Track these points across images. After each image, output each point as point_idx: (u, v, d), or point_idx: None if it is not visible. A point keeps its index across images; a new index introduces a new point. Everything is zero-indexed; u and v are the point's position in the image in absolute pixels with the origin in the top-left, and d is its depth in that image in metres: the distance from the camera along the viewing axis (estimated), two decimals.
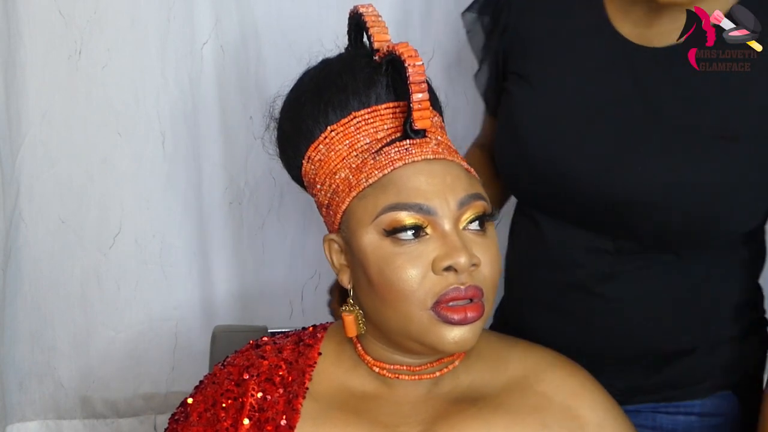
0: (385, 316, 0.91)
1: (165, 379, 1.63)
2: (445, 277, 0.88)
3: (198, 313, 1.62)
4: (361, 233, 0.90)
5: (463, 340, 0.89)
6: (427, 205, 0.89)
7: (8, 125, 1.51)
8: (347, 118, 0.93)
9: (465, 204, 0.90)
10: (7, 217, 1.53)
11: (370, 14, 0.97)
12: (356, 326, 0.95)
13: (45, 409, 1.61)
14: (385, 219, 0.89)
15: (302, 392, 0.97)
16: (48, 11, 1.49)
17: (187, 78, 1.55)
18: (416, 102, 0.89)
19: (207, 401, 0.98)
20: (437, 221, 0.89)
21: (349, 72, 0.95)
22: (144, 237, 1.58)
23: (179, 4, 1.53)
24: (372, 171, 0.91)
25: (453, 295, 0.88)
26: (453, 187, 0.90)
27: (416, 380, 0.96)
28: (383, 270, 0.89)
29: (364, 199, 0.91)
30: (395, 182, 0.90)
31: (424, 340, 0.90)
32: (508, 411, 0.96)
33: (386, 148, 0.92)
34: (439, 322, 0.88)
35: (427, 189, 0.89)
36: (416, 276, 0.88)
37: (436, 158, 0.91)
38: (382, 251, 0.89)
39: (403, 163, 0.90)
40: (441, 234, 0.89)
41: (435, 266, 0.88)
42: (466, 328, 0.88)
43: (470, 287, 0.88)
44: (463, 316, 0.88)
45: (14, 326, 1.57)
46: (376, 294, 0.91)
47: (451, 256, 0.87)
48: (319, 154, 0.95)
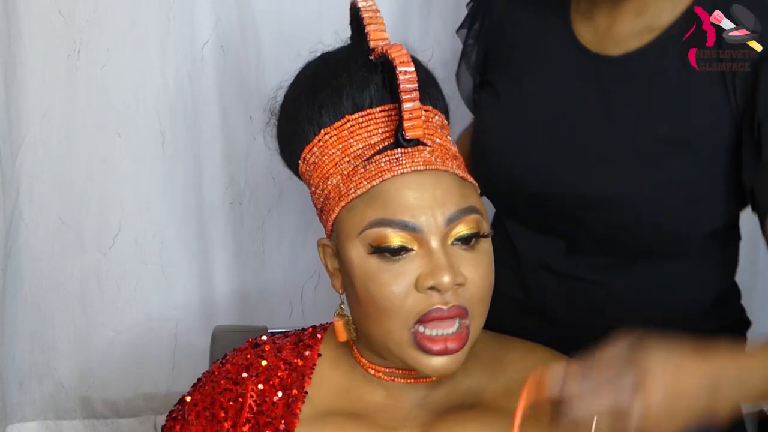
0: (369, 330, 0.91)
1: (165, 380, 1.62)
2: (428, 296, 0.86)
3: (198, 313, 1.62)
4: (349, 246, 0.89)
5: (445, 368, 0.88)
6: (413, 222, 0.86)
7: (8, 125, 1.51)
8: (341, 122, 0.91)
9: (455, 219, 0.88)
10: (7, 217, 1.53)
11: (368, 9, 0.94)
12: (346, 332, 0.95)
13: (45, 409, 1.61)
14: (370, 234, 0.87)
15: (301, 396, 0.96)
16: (48, 11, 1.49)
17: (187, 78, 1.55)
18: (407, 111, 0.87)
19: (205, 400, 0.97)
20: (423, 238, 0.87)
21: (344, 72, 0.92)
22: (144, 237, 1.58)
23: (179, 4, 1.53)
24: (361, 181, 0.89)
25: (435, 315, 0.86)
26: (443, 201, 0.88)
27: (413, 383, 0.96)
28: (368, 285, 0.88)
29: (352, 211, 0.89)
30: (383, 195, 0.88)
31: (404, 359, 0.89)
32: (506, 414, 0.95)
33: (377, 157, 0.89)
34: (415, 349, 0.87)
35: (414, 204, 0.87)
36: (399, 293, 0.86)
37: (427, 169, 0.89)
38: (367, 266, 0.88)
39: (391, 175, 0.88)
40: (427, 251, 0.87)
41: (418, 285, 0.87)
42: (448, 357, 0.87)
43: (453, 307, 0.87)
44: (443, 347, 0.86)
45: (14, 326, 1.57)
46: (360, 307, 0.90)
47: (434, 275, 0.86)
48: (313, 157, 0.94)
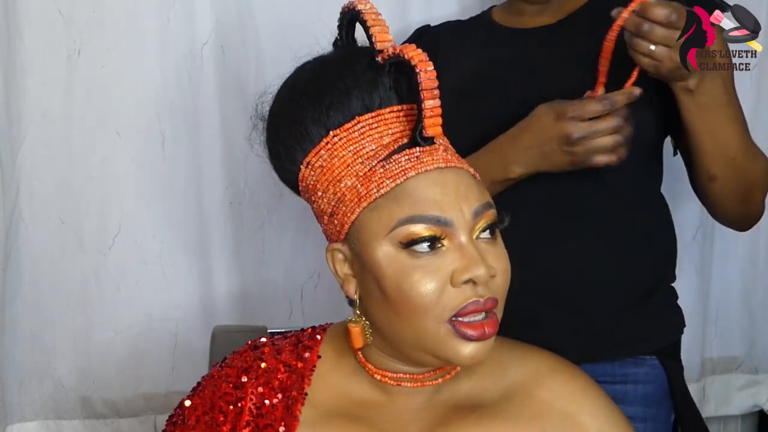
0: (397, 329, 0.90)
1: (165, 380, 1.63)
2: (463, 290, 0.87)
3: (198, 313, 1.62)
4: (375, 245, 0.88)
5: (479, 355, 0.88)
6: (444, 217, 0.87)
7: (8, 125, 1.51)
8: (350, 123, 0.90)
9: (479, 214, 0.89)
10: (7, 217, 1.53)
11: (369, 12, 0.93)
12: (363, 337, 0.94)
13: (45, 409, 1.61)
14: (401, 232, 0.87)
15: (301, 398, 0.95)
16: (48, 11, 1.49)
17: (187, 78, 1.55)
18: (428, 109, 0.87)
19: (205, 404, 0.97)
20: (453, 233, 0.87)
21: (350, 74, 0.92)
22: (144, 237, 1.58)
23: (179, 4, 1.53)
24: (383, 180, 0.89)
25: (472, 309, 0.87)
26: (467, 196, 0.89)
27: (418, 387, 0.95)
28: (400, 284, 0.87)
29: (377, 210, 0.89)
30: (409, 193, 0.88)
31: (438, 353, 0.89)
32: (508, 418, 0.95)
33: (395, 156, 0.89)
34: (455, 337, 0.87)
35: (443, 200, 0.88)
36: (434, 290, 0.86)
37: (447, 167, 0.90)
38: (398, 264, 0.87)
39: (416, 173, 0.88)
40: (458, 245, 0.87)
41: (454, 279, 0.87)
42: (482, 343, 0.88)
43: (489, 300, 0.87)
44: (482, 332, 0.87)
45: (14, 326, 1.58)
46: (390, 307, 0.89)
47: (470, 269, 0.86)
48: (320, 160, 0.92)
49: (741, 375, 1.88)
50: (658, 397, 1.23)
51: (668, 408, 1.24)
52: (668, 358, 1.24)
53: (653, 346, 1.23)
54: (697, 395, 1.83)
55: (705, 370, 1.84)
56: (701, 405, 1.85)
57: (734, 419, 1.93)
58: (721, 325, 1.85)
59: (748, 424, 1.96)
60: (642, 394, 1.21)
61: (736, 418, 1.93)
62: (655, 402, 1.22)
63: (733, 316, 1.85)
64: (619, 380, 1.19)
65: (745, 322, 1.85)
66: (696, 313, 1.78)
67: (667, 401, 1.23)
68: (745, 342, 1.86)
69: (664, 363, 1.23)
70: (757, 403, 1.88)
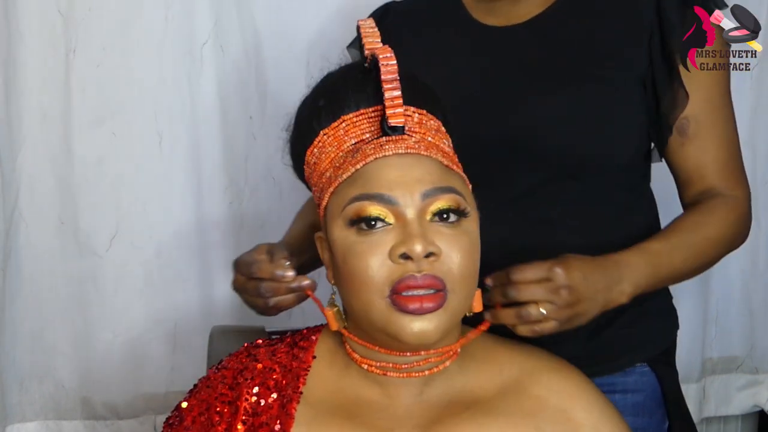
0: (354, 307, 0.92)
1: (164, 380, 1.63)
2: (402, 265, 0.89)
3: (197, 313, 1.62)
4: (333, 226, 0.93)
5: (423, 332, 0.89)
6: (389, 194, 0.90)
7: (8, 125, 1.51)
8: (337, 122, 0.96)
9: (430, 196, 0.91)
10: (7, 217, 1.53)
11: (365, 26, 1.00)
12: (337, 321, 0.97)
13: (45, 409, 1.62)
14: (350, 209, 0.91)
15: (296, 397, 0.97)
16: (47, 11, 1.49)
17: (186, 78, 1.55)
18: (388, 99, 0.92)
19: (201, 405, 0.98)
20: (400, 211, 0.90)
21: (342, 80, 0.98)
22: (142, 238, 1.58)
23: (178, 3, 1.53)
24: (347, 167, 0.93)
25: (408, 283, 0.88)
26: (420, 179, 0.91)
27: (405, 378, 0.96)
28: (347, 259, 0.91)
29: (338, 194, 0.93)
30: (364, 175, 0.92)
31: (386, 329, 0.90)
32: (502, 414, 0.96)
33: (364, 146, 0.94)
34: (395, 312, 0.89)
35: (394, 181, 0.91)
36: (374, 264, 0.89)
37: (408, 153, 0.92)
38: (348, 242, 0.91)
39: (374, 158, 0.92)
40: (403, 224, 0.90)
41: (392, 254, 0.89)
42: (426, 320, 0.88)
43: (427, 276, 0.88)
44: (419, 305, 0.88)
45: (14, 327, 1.58)
46: (342, 283, 0.93)
47: (405, 243, 0.88)
48: (313, 158, 0.98)
49: (741, 375, 1.88)
50: (649, 406, 1.20)
51: (661, 416, 1.21)
52: (660, 364, 1.21)
53: (644, 354, 1.20)
54: (698, 395, 1.83)
55: (705, 370, 1.84)
56: (701, 405, 1.85)
57: (734, 419, 1.93)
58: (721, 325, 1.85)
59: (748, 424, 1.96)
60: (631, 404, 1.18)
61: (736, 418, 1.93)
62: (646, 411, 1.20)
63: (733, 316, 1.85)
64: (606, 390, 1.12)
65: (745, 322, 1.85)
66: (696, 313, 1.78)
67: (660, 409, 1.21)
68: (745, 342, 1.86)
69: (655, 370, 1.20)
70: (757, 403, 1.89)
